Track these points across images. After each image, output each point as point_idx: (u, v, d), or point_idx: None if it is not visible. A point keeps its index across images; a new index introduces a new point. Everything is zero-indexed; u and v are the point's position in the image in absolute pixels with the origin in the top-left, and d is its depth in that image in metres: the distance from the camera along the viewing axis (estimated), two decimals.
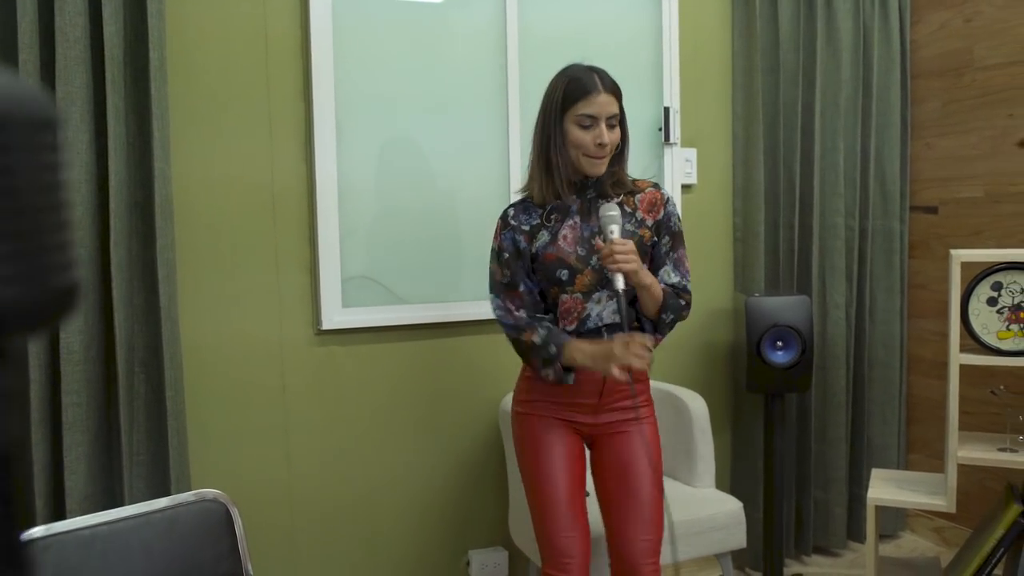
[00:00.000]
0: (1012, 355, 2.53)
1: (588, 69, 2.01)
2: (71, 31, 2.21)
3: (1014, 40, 3.10)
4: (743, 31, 3.19)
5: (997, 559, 2.59)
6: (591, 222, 2.05)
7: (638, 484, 2.06)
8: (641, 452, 2.07)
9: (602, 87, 1.98)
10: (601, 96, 1.97)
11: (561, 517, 2.03)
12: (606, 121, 1.98)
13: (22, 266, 0.33)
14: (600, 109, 1.97)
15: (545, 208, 2.08)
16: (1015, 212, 3.12)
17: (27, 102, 0.34)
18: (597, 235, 2.02)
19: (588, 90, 1.97)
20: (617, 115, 2.01)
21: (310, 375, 2.63)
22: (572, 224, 2.06)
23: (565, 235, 2.05)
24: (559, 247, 2.04)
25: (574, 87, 1.98)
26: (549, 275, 2.05)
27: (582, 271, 2.02)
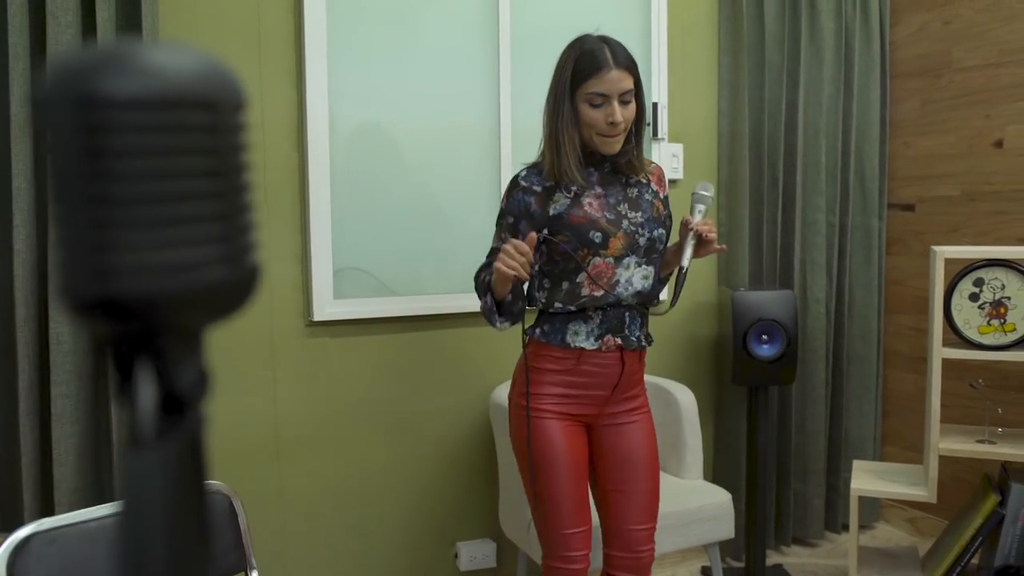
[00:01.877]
0: (993, 349, 2.59)
1: (600, 41, 1.91)
2: (62, 15, 2.16)
3: (991, 43, 3.18)
4: (729, 29, 3.23)
5: (975, 548, 2.66)
6: (615, 190, 2.01)
7: (638, 474, 2.07)
8: (640, 443, 2.08)
9: (614, 62, 1.88)
10: (613, 72, 1.87)
11: (568, 511, 2.01)
12: (619, 98, 1.90)
13: (224, 248, 0.33)
14: (612, 86, 1.88)
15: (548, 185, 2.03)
16: (990, 210, 3.20)
17: (227, 83, 0.34)
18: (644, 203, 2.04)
19: (599, 66, 1.88)
20: (631, 91, 1.92)
21: (301, 366, 2.61)
22: (596, 193, 2.00)
23: (590, 202, 1.99)
24: (586, 212, 1.97)
25: (584, 63, 1.89)
26: (581, 236, 1.95)
27: (615, 234, 1.97)
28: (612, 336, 2.01)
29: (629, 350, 2.04)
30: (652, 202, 2.06)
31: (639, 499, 2.07)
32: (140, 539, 0.32)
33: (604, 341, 2.00)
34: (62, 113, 0.30)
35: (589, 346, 1.99)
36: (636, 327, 2.06)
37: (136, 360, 0.32)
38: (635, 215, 2.01)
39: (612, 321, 2.01)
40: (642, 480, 2.07)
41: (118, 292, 0.30)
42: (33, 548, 1.46)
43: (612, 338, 2.01)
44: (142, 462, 0.32)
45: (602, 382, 2.03)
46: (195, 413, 0.34)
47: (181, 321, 0.33)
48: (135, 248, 0.30)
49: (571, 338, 2.00)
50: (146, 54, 0.31)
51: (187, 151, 0.31)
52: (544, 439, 2.01)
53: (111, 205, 0.30)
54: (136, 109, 0.30)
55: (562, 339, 2.00)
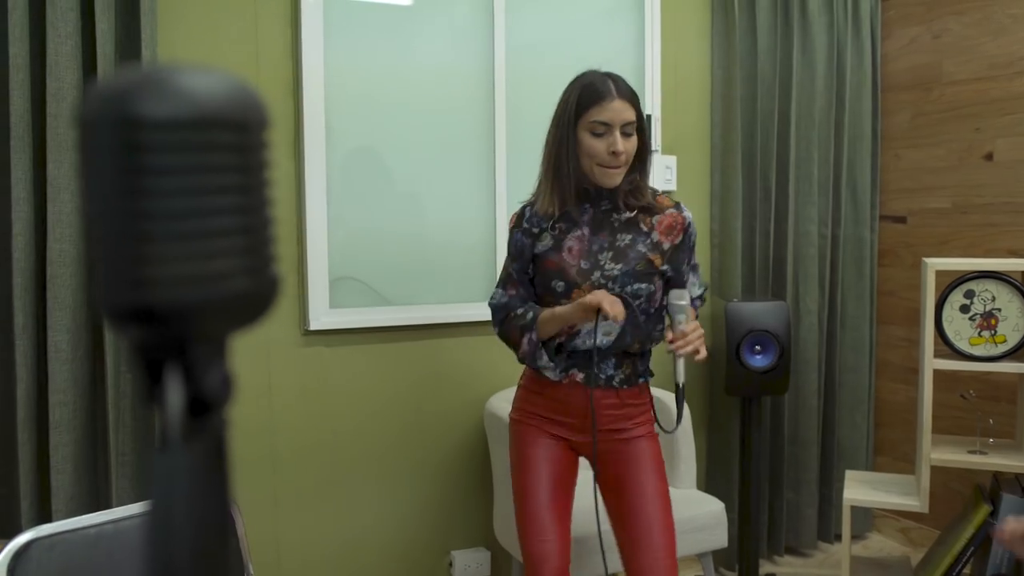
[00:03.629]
0: (984, 360, 2.62)
1: (603, 75, 1.94)
2: (62, 26, 2.19)
3: (981, 57, 3.22)
4: (722, 42, 3.26)
5: (967, 558, 2.68)
6: (602, 236, 1.97)
7: (640, 503, 1.98)
8: (642, 469, 2.00)
9: (616, 93, 1.90)
10: (615, 102, 1.89)
11: (536, 524, 2.00)
12: (621, 128, 1.90)
13: (249, 260, 0.35)
14: (614, 116, 1.89)
15: (551, 217, 2.01)
16: (981, 223, 3.23)
17: (254, 103, 0.36)
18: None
19: (602, 96, 1.89)
20: (633, 122, 1.92)
21: (296, 376, 2.63)
22: (580, 235, 1.98)
23: (571, 246, 1.97)
24: (562, 257, 1.97)
25: (587, 93, 1.91)
26: (545, 282, 1.99)
27: (580, 286, 1.95)
28: (577, 371, 2.00)
29: (594, 387, 1.98)
30: (644, 255, 1.97)
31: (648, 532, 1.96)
32: (168, 538, 0.34)
33: (568, 375, 2.00)
34: (104, 133, 0.32)
35: (553, 377, 2.00)
36: (608, 366, 2.01)
37: (165, 365, 0.34)
38: (613, 267, 1.95)
39: (578, 358, 2.00)
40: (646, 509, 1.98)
41: (153, 301, 0.32)
42: (33, 554, 1.47)
43: (576, 372, 2.00)
44: (171, 462, 0.34)
45: (570, 410, 2.02)
46: (220, 416, 0.36)
47: (208, 328, 0.35)
48: (170, 260, 0.32)
49: (543, 368, 2.01)
50: (182, 78, 0.33)
51: (219, 169, 0.33)
52: (522, 453, 2.05)
53: (149, 220, 0.32)
54: (174, 130, 0.32)
55: (535, 363, 2.02)
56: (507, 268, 2.08)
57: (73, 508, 2.21)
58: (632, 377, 2.04)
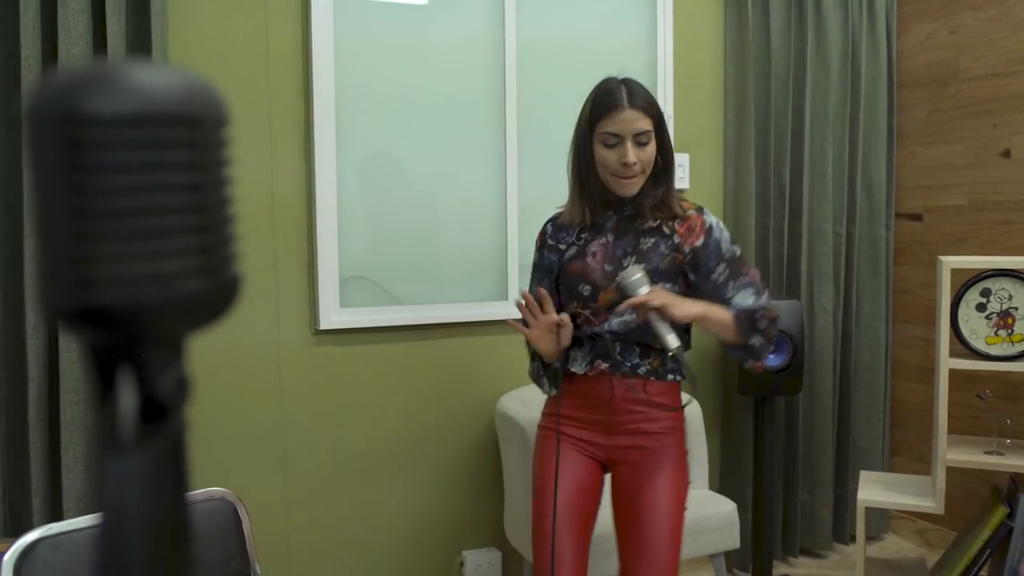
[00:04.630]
0: (1001, 360, 2.59)
1: (619, 83, 1.90)
2: (74, 27, 2.20)
3: (998, 52, 3.18)
4: (735, 39, 3.24)
5: (984, 560, 2.65)
6: (626, 241, 1.95)
7: (647, 520, 1.90)
8: (657, 484, 1.92)
9: (628, 102, 1.86)
10: (626, 112, 1.85)
11: (547, 539, 1.95)
12: (633, 139, 1.86)
13: (204, 259, 0.34)
14: (624, 127, 1.86)
15: (577, 227, 2.01)
16: (998, 220, 3.19)
17: (210, 100, 0.35)
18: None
19: (613, 106, 1.86)
20: (648, 132, 1.87)
21: (307, 375, 2.63)
22: (604, 242, 1.97)
23: (595, 252, 1.97)
24: (586, 262, 1.96)
25: (600, 103, 1.89)
26: (571, 288, 1.98)
27: (606, 287, 1.93)
28: (601, 360, 1.97)
29: (620, 375, 1.95)
30: (666, 255, 1.93)
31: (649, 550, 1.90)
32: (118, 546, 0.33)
33: (593, 366, 1.98)
34: (46, 129, 0.31)
35: (579, 370, 1.99)
36: (632, 355, 1.95)
37: (117, 368, 0.34)
38: None
39: (601, 348, 1.98)
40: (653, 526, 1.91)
41: (99, 302, 0.31)
42: (40, 553, 1.47)
43: (601, 362, 1.97)
44: (122, 467, 0.33)
45: (595, 404, 1.98)
46: (176, 420, 0.35)
47: (161, 330, 0.34)
48: (116, 260, 0.31)
49: (571, 365, 2.01)
50: (130, 73, 0.32)
51: (168, 166, 0.33)
52: (544, 464, 2.01)
53: (92, 218, 0.31)
54: (118, 126, 0.31)
55: (567, 365, 2.02)
56: (534, 281, 2.12)
57: (84, 507, 2.23)
58: (660, 371, 1.96)
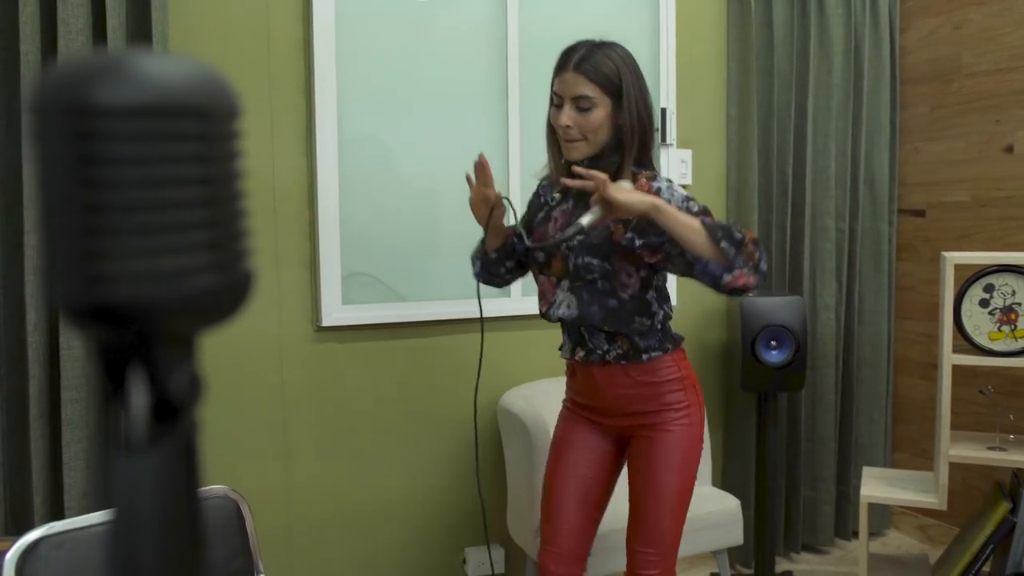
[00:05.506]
0: (1004, 356, 2.58)
1: (584, 45, 1.85)
2: (73, 22, 2.18)
3: (1002, 47, 3.16)
4: (738, 34, 3.23)
5: (986, 555, 2.64)
6: (580, 208, 1.94)
7: (645, 494, 1.94)
8: (654, 461, 1.93)
9: (573, 65, 1.82)
10: (567, 74, 1.82)
11: (552, 507, 2.03)
12: (571, 102, 1.82)
13: (216, 255, 0.33)
14: (564, 88, 1.83)
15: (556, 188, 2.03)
16: (1001, 216, 3.18)
17: (220, 91, 0.34)
18: None
19: (560, 66, 1.85)
20: (589, 97, 1.80)
21: (309, 372, 2.62)
22: (565, 208, 1.98)
23: (556, 217, 1.99)
24: (547, 227, 2.00)
25: (557, 62, 1.88)
26: (531, 253, 2.01)
27: (556, 255, 1.93)
28: (579, 348, 1.98)
29: (597, 365, 1.94)
30: (607, 227, 1.86)
31: (642, 519, 1.96)
32: (131, 546, 0.32)
33: (575, 354, 2.00)
34: (54, 121, 0.30)
35: (567, 357, 2.04)
36: (600, 341, 1.92)
37: (128, 366, 0.33)
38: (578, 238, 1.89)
39: (573, 335, 1.99)
40: (647, 500, 1.95)
41: (110, 299, 0.31)
42: (42, 552, 1.47)
43: (579, 350, 1.98)
44: (134, 467, 0.32)
45: (587, 390, 2.01)
46: (188, 419, 0.34)
47: (173, 327, 0.33)
48: (127, 255, 0.31)
49: (563, 351, 2.07)
50: (139, 63, 0.31)
51: (179, 159, 0.32)
52: (557, 439, 2.09)
53: (103, 212, 0.30)
54: (129, 117, 0.30)
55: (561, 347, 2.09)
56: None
57: (85, 505, 2.22)
58: (633, 353, 1.91)
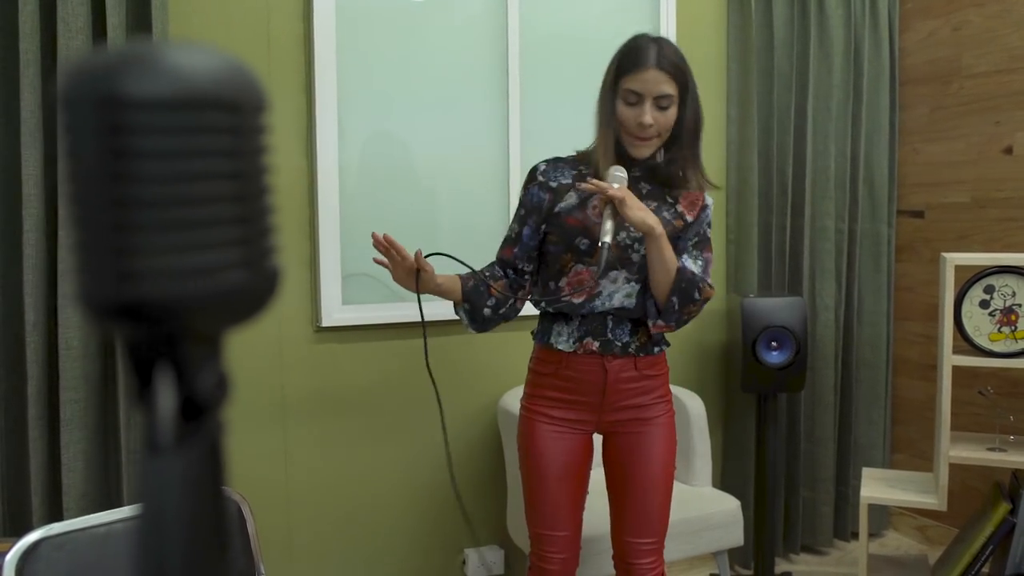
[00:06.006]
0: (1004, 356, 2.58)
1: (650, 40, 1.84)
2: (73, 21, 2.17)
3: (1001, 49, 3.17)
4: (738, 35, 3.22)
5: (986, 557, 2.64)
6: None
7: (641, 487, 1.97)
8: (645, 454, 1.97)
9: (654, 62, 1.80)
10: (649, 72, 1.80)
11: (546, 514, 1.99)
12: (654, 100, 1.82)
13: (245, 251, 0.33)
14: (646, 86, 1.81)
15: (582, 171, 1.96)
16: (1000, 217, 3.18)
17: (249, 84, 0.33)
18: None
19: (639, 63, 1.81)
20: (671, 96, 1.82)
21: (309, 372, 2.61)
22: None
23: (595, 204, 1.90)
24: (586, 215, 1.90)
25: (628, 58, 1.84)
26: (567, 240, 1.91)
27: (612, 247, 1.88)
28: (592, 339, 1.93)
29: (611, 356, 1.94)
30: (670, 221, 1.93)
31: (639, 512, 1.98)
32: (159, 545, 0.31)
33: (583, 344, 1.93)
34: (84, 113, 0.29)
35: (567, 348, 1.94)
36: (624, 332, 1.94)
37: (155, 365, 0.32)
38: (637, 231, 1.89)
39: (592, 324, 1.94)
40: (644, 493, 1.97)
41: (140, 296, 0.30)
42: (42, 553, 1.46)
43: (592, 341, 1.93)
44: (162, 468, 0.31)
45: (586, 388, 1.95)
46: (214, 418, 0.34)
47: (201, 325, 0.32)
48: (158, 251, 0.30)
49: (554, 339, 1.96)
50: (169, 54, 0.30)
51: (209, 153, 0.31)
52: (533, 440, 1.99)
53: (133, 207, 0.29)
54: (159, 110, 0.29)
55: (547, 340, 1.97)
56: (509, 229, 2.05)
57: (84, 506, 2.20)
58: (648, 345, 1.96)
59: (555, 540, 2.00)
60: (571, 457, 1.99)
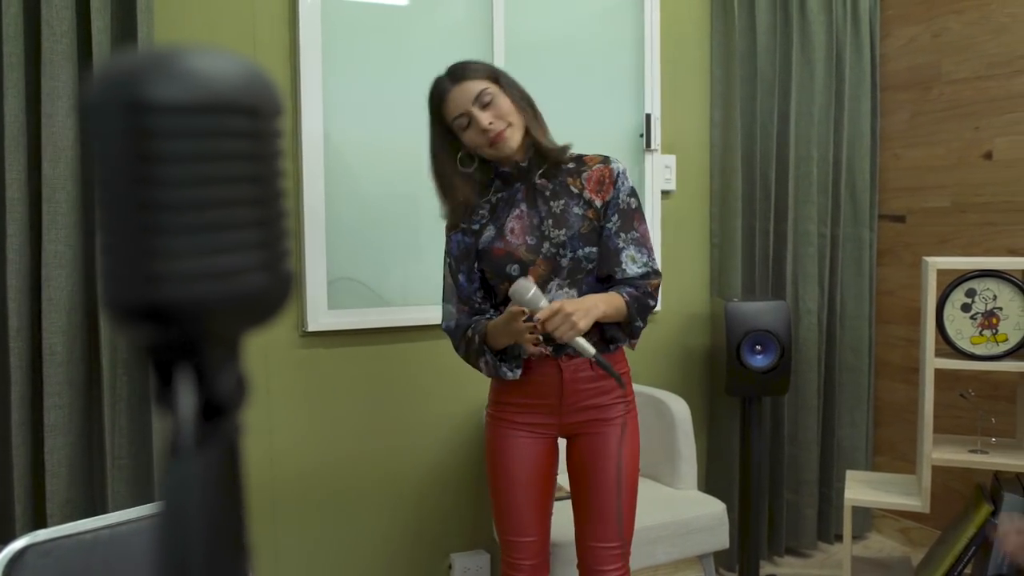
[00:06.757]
0: (986, 359, 2.61)
1: (439, 78, 1.94)
2: (57, 25, 2.16)
3: (980, 55, 3.21)
4: (722, 41, 3.25)
5: (968, 558, 2.67)
6: (539, 207, 1.94)
7: (601, 489, 1.96)
8: (607, 455, 1.96)
9: (450, 83, 1.90)
10: (452, 91, 1.89)
11: (515, 520, 1.99)
12: (476, 104, 1.87)
13: (264, 254, 0.33)
14: (461, 100, 1.88)
15: (491, 200, 1.99)
16: (980, 221, 3.22)
17: (267, 89, 0.34)
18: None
19: (442, 94, 1.91)
20: (486, 89, 1.87)
21: (294, 377, 2.60)
22: (519, 214, 1.95)
23: (512, 227, 1.94)
24: (507, 241, 1.93)
25: (434, 99, 1.93)
26: (498, 270, 1.94)
27: (534, 262, 1.91)
28: (544, 344, 1.91)
29: (564, 357, 1.94)
30: (583, 215, 1.93)
31: (600, 515, 1.96)
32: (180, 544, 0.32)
33: None
34: (110, 118, 0.30)
35: (522, 354, 1.93)
36: None
37: (176, 367, 0.32)
38: (558, 233, 1.92)
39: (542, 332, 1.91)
40: (604, 495, 1.96)
41: (165, 298, 0.30)
42: (28, 560, 1.44)
43: (546, 345, 1.92)
44: (183, 468, 0.32)
45: (544, 391, 1.96)
46: (233, 420, 0.34)
47: (221, 328, 0.33)
48: (182, 254, 0.30)
49: (508, 375, 1.94)
50: (192, 60, 0.31)
51: (231, 156, 0.31)
52: (499, 446, 2.00)
53: (158, 210, 0.30)
54: (184, 114, 0.30)
55: (501, 377, 1.96)
56: (448, 280, 2.03)
57: (68, 512, 2.19)
58: (600, 344, 1.95)
59: (523, 546, 2.00)
60: (535, 462, 2.00)
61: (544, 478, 2.02)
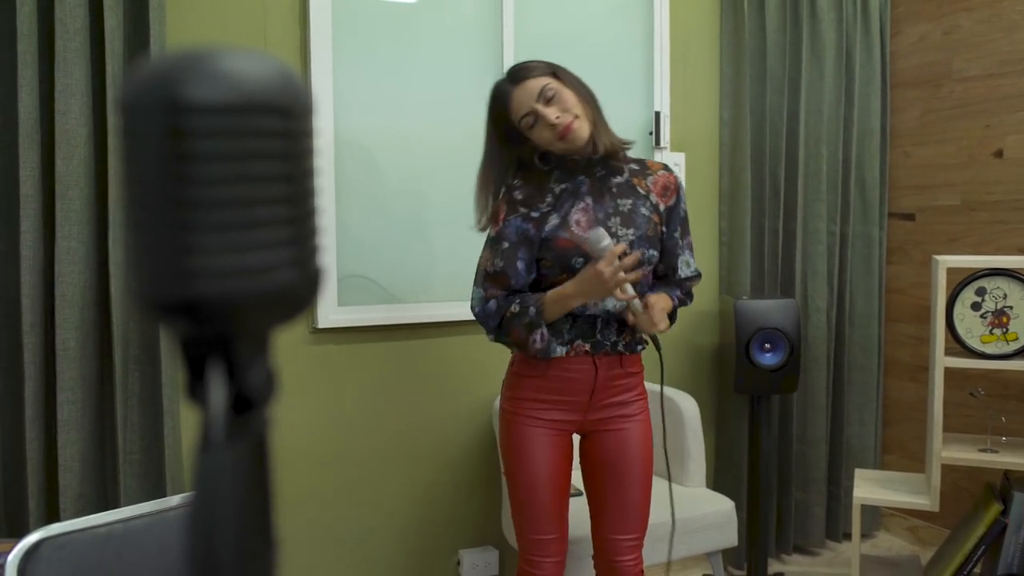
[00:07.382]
0: (996, 358, 2.61)
1: (498, 82, 1.99)
2: (71, 23, 2.17)
3: (991, 53, 3.20)
4: (731, 39, 3.25)
5: (978, 557, 2.67)
6: (605, 203, 1.95)
7: (625, 483, 2.01)
8: (628, 450, 2.01)
9: (511, 85, 1.93)
10: (514, 93, 1.92)
11: (537, 517, 2.00)
12: (539, 102, 1.89)
13: (295, 251, 0.34)
14: (524, 102, 1.91)
15: (554, 190, 1.98)
16: (990, 220, 3.21)
17: (298, 89, 0.34)
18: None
19: (504, 98, 1.94)
20: (546, 85, 1.90)
21: (304, 374, 2.61)
22: (584, 207, 1.95)
23: (578, 219, 1.93)
24: (573, 233, 1.91)
25: (497, 105, 1.96)
26: (563, 261, 1.91)
27: None
28: (582, 341, 1.94)
29: (601, 355, 1.96)
30: (649, 217, 1.97)
31: (623, 508, 2.01)
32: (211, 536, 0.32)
33: (573, 347, 1.94)
34: (148, 118, 0.30)
35: (560, 352, 1.94)
36: (611, 332, 1.97)
37: (208, 361, 0.33)
38: (626, 232, 1.94)
39: (582, 327, 1.95)
40: (627, 488, 2.01)
41: (198, 294, 0.31)
42: (44, 553, 1.46)
43: (582, 343, 1.94)
44: (215, 461, 0.32)
45: (576, 388, 1.97)
46: (263, 413, 0.35)
47: (253, 323, 0.33)
48: (216, 251, 0.31)
49: (556, 353, 1.95)
50: (226, 61, 0.31)
51: (264, 156, 0.32)
52: (521, 444, 1.99)
53: (193, 208, 0.30)
54: (220, 114, 0.31)
55: (549, 355, 1.95)
56: (489, 264, 1.98)
57: (81, 507, 2.20)
58: (632, 343, 2.02)
59: (545, 544, 2.01)
60: (556, 459, 2.01)
61: (563, 475, 2.04)
